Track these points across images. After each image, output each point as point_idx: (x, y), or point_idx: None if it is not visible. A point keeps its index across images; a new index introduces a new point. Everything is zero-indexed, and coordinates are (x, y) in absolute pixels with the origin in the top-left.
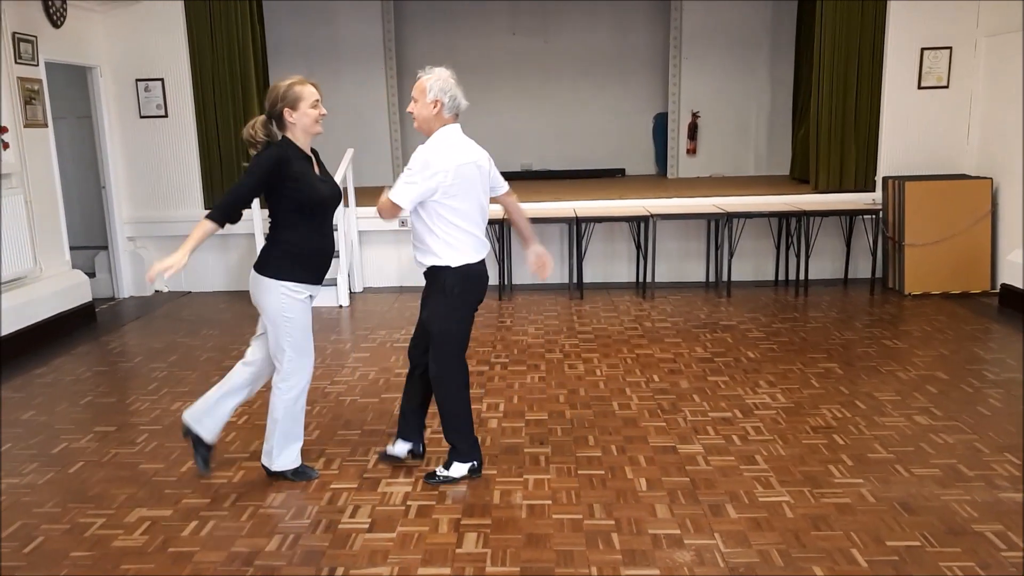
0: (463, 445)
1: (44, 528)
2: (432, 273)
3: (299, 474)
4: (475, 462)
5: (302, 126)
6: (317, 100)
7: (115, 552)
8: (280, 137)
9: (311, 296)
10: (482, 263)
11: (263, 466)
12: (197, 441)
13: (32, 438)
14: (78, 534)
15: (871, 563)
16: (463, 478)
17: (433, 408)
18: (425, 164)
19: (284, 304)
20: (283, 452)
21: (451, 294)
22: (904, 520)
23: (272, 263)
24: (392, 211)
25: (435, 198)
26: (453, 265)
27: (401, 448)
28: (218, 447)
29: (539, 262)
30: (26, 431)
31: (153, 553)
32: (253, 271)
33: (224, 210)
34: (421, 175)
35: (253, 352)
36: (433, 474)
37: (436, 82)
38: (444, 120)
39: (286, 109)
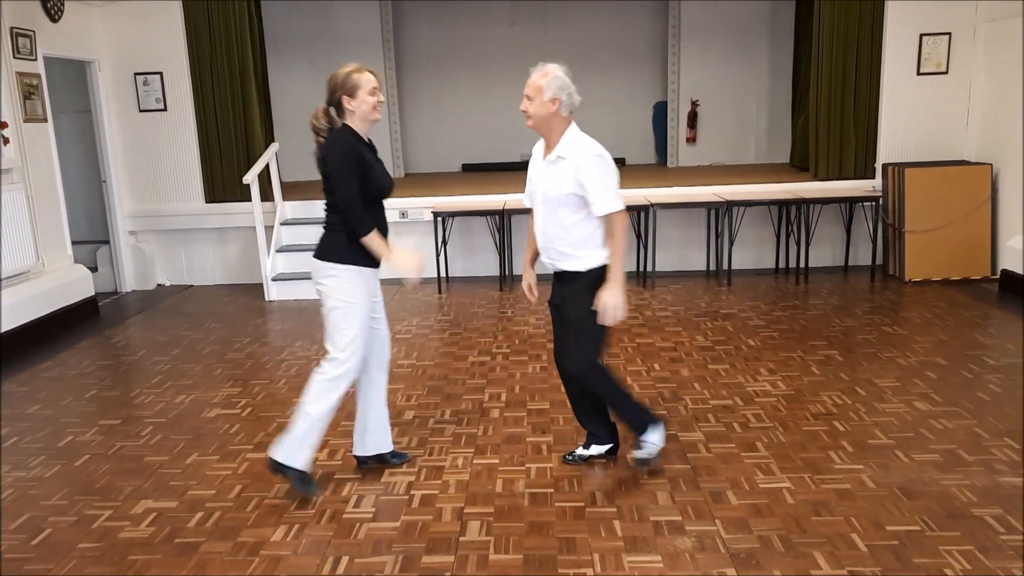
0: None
1: (52, 520)
2: (575, 276)
3: (304, 482)
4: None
5: (360, 113)
6: (375, 87)
7: (122, 543)
8: (340, 124)
9: (372, 280)
10: None
11: (269, 456)
12: (382, 458)
13: (38, 431)
14: (85, 526)
15: (871, 548)
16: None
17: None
18: (611, 164)
19: (345, 288)
20: (300, 449)
21: (595, 291)
22: (904, 505)
23: (337, 249)
24: (624, 222)
25: None
26: (601, 264)
27: (597, 449)
28: (223, 438)
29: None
30: (32, 425)
31: (160, 544)
32: (316, 260)
33: (364, 220)
34: (614, 175)
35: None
36: (637, 455)
37: (553, 80)
38: (563, 119)
39: (344, 96)
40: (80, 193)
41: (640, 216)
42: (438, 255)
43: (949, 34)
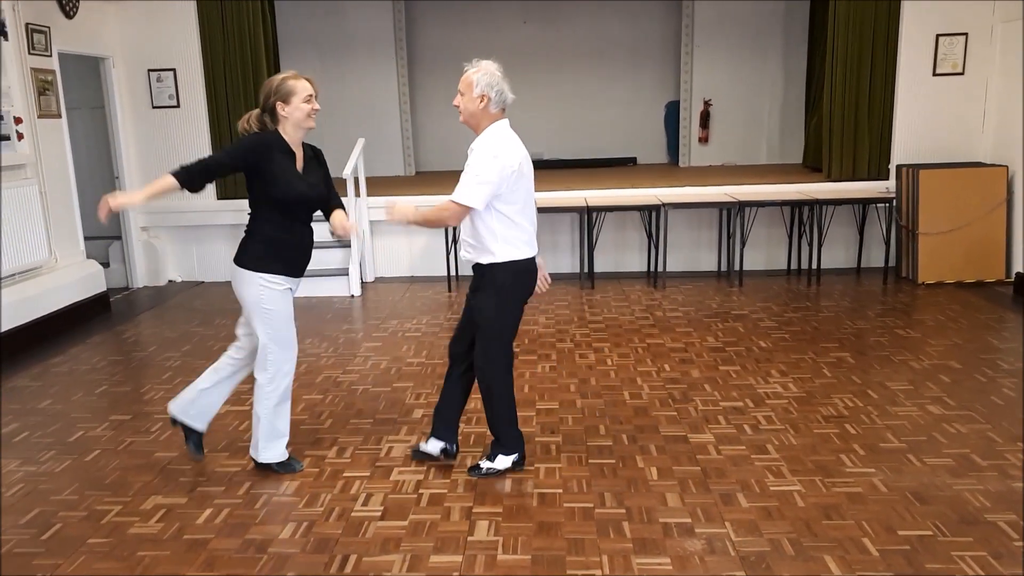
0: (508, 438)
1: (62, 515)
2: (483, 269)
3: (284, 466)
4: (518, 454)
5: (294, 120)
6: (310, 95)
7: (131, 539)
8: (272, 130)
9: (291, 288)
10: (532, 258)
11: (251, 456)
12: (187, 430)
13: (49, 426)
14: (95, 521)
15: (883, 552)
16: (507, 470)
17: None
18: (494, 161)
19: (263, 295)
20: (269, 447)
21: (502, 289)
22: (916, 510)
23: (250, 255)
24: (461, 215)
25: (498, 195)
26: (505, 260)
27: (435, 446)
28: (233, 435)
29: None
30: (43, 419)
31: (169, 540)
32: (232, 263)
33: (190, 171)
34: (492, 173)
35: (240, 346)
36: (477, 467)
37: (483, 76)
38: (492, 115)
39: (278, 103)
40: (93, 189)
41: (651, 216)
42: (448, 253)
43: (966, 34)
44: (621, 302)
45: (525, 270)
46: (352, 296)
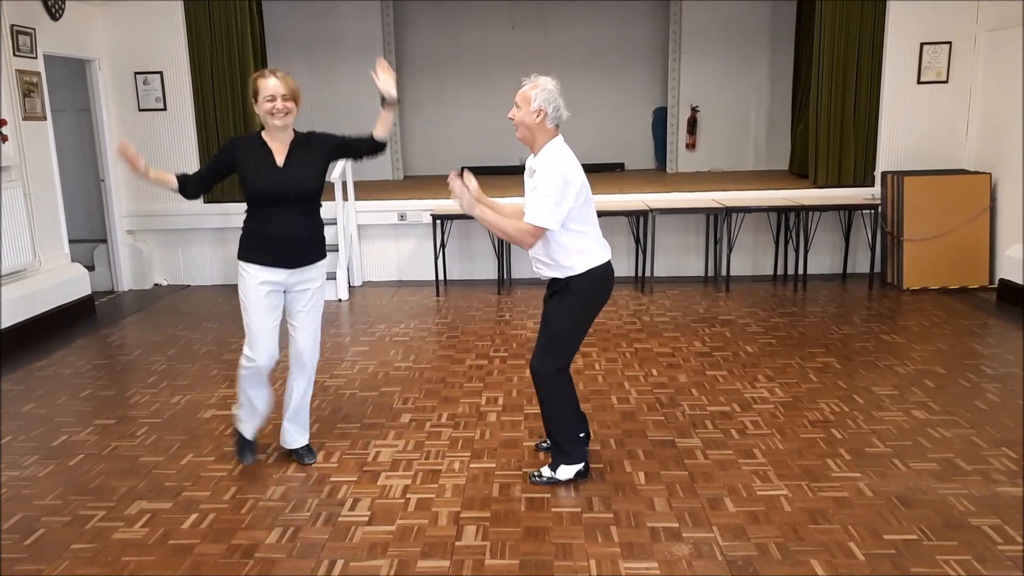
0: (570, 445)
1: (45, 520)
2: (562, 281)
3: (239, 443)
4: (584, 464)
5: (261, 116)
6: (271, 96)
7: (116, 544)
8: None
9: (269, 283)
10: (609, 262)
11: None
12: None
13: (32, 431)
14: (79, 526)
15: (868, 556)
16: (569, 481)
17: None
18: (562, 180)
19: (241, 284)
20: (239, 418)
21: (582, 298)
22: (901, 514)
23: (239, 244)
24: (539, 237)
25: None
26: (585, 270)
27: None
28: (219, 439)
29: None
30: (26, 424)
31: (153, 545)
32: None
33: (188, 177)
34: (564, 193)
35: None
36: (539, 473)
37: (541, 92)
38: (548, 130)
39: (252, 100)
40: (78, 192)
41: (639, 221)
42: (437, 258)
43: (950, 43)
44: (608, 307)
45: (604, 275)
46: (340, 300)
